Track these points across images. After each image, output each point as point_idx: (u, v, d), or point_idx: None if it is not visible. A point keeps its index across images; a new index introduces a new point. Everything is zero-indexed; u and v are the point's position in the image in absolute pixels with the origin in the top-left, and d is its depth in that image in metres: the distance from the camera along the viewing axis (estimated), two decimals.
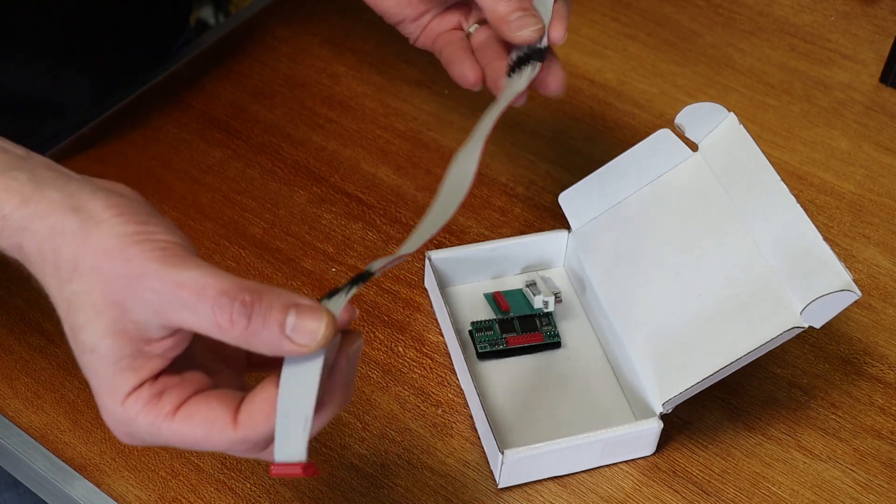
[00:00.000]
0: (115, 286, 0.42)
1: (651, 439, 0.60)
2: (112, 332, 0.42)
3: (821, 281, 0.55)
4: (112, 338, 0.42)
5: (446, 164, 0.77)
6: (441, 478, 0.60)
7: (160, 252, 0.42)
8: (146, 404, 0.42)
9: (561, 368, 0.65)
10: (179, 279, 0.41)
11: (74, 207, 0.43)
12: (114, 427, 0.43)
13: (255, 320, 0.41)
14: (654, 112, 0.83)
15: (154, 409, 0.42)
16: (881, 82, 0.86)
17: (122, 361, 0.42)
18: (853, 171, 0.79)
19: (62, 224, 0.43)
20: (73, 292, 0.42)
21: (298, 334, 0.41)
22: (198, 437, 0.42)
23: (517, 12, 0.58)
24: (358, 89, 0.84)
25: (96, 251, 0.42)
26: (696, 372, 0.57)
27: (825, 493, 0.60)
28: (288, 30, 0.89)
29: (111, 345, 0.42)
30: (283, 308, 0.41)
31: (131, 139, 0.79)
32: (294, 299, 0.42)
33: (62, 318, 0.44)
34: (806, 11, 0.93)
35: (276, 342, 0.41)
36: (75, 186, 0.44)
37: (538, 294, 0.66)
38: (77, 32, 0.77)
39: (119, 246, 0.42)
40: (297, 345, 0.41)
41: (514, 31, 0.58)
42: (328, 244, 0.72)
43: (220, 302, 0.40)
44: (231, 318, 0.40)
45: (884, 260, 0.73)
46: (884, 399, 0.64)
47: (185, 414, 0.42)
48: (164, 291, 0.41)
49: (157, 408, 0.42)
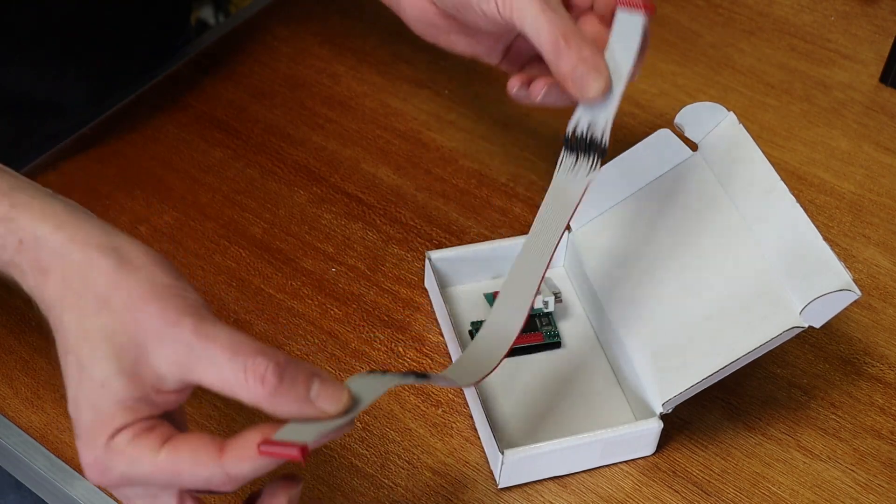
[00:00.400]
0: (146, 331, 0.43)
1: (651, 439, 0.60)
2: (129, 372, 0.43)
3: (820, 280, 0.55)
4: (126, 378, 0.43)
5: (446, 164, 0.78)
6: (441, 478, 0.60)
7: (194, 309, 0.43)
8: (135, 436, 0.43)
9: (561, 368, 0.65)
10: (215, 335, 0.42)
11: (113, 247, 0.44)
12: (90, 461, 0.44)
13: (286, 381, 0.42)
14: (654, 112, 0.83)
15: (142, 442, 0.43)
16: (881, 82, 0.86)
17: (128, 401, 0.43)
18: (853, 171, 0.79)
19: (99, 260, 0.44)
20: (95, 326, 0.43)
21: (322, 401, 0.43)
22: (179, 468, 0.43)
23: (579, 67, 0.53)
24: (358, 89, 0.84)
25: (133, 294, 0.43)
26: (695, 372, 0.57)
27: (825, 493, 0.60)
28: (288, 30, 0.89)
29: (124, 384, 0.43)
30: (310, 375, 0.43)
31: (131, 139, 0.79)
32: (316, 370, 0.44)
33: (67, 348, 0.44)
34: (806, 11, 0.93)
35: (300, 404, 0.43)
36: (110, 227, 0.46)
37: (538, 294, 0.66)
38: (77, 32, 0.77)
39: (157, 293, 0.43)
40: (318, 409, 0.43)
41: (577, 91, 0.54)
42: (328, 244, 0.72)
43: (257, 359, 0.42)
44: (265, 376, 0.42)
45: (884, 260, 0.72)
46: (884, 399, 0.64)
47: (172, 446, 0.43)
48: (196, 345, 0.42)
49: (146, 440, 0.43)
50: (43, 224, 0.45)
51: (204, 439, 0.43)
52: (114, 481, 0.44)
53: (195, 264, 0.70)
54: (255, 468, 0.43)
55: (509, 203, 0.75)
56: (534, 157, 0.79)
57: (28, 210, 0.45)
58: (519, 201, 0.75)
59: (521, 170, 0.78)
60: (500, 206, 0.75)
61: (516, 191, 0.76)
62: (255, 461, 0.42)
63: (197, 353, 0.42)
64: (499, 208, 0.75)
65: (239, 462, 0.42)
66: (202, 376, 0.42)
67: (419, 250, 0.72)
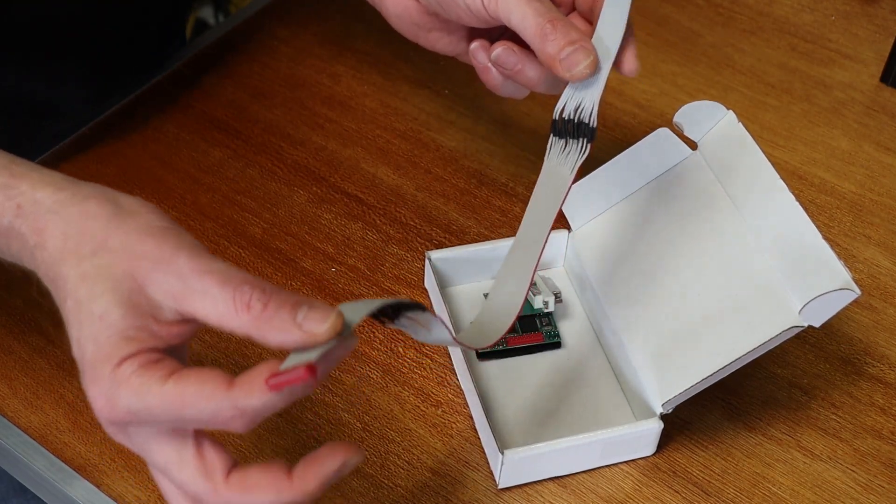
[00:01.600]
0: (141, 265, 0.44)
1: (651, 439, 0.60)
2: (126, 302, 0.43)
3: (820, 280, 0.54)
4: (125, 307, 0.43)
5: (446, 164, 0.78)
6: (441, 478, 0.60)
7: (189, 245, 0.45)
8: (141, 366, 0.42)
9: (561, 368, 0.65)
10: (208, 268, 0.43)
11: (111, 199, 0.46)
12: (95, 394, 0.43)
13: (270, 306, 0.43)
14: (654, 112, 0.83)
15: (148, 371, 0.42)
16: (882, 82, 0.86)
17: (129, 331, 0.43)
18: (854, 170, 0.79)
19: (97, 209, 0.45)
20: (93, 265, 0.44)
21: (308, 322, 0.43)
22: (186, 400, 0.42)
23: (567, 48, 0.55)
24: (358, 89, 0.84)
25: (130, 233, 0.44)
26: (695, 372, 0.57)
27: (825, 493, 0.60)
28: (288, 30, 0.89)
29: (123, 313, 0.43)
30: (297, 302, 0.43)
31: (131, 139, 0.79)
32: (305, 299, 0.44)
33: (67, 294, 0.44)
34: (806, 11, 0.93)
35: (287, 328, 0.43)
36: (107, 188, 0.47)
37: (538, 294, 0.66)
38: (77, 33, 0.76)
39: (153, 233, 0.45)
40: (305, 332, 0.42)
41: (566, 71, 0.55)
42: (328, 244, 0.72)
43: (243, 288, 0.43)
44: (249, 302, 0.42)
45: (884, 260, 0.72)
46: (884, 399, 0.64)
47: (179, 376, 0.42)
48: (190, 277, 0.43)
49: (152, 370, 0.42)
50: (42, 188, 0.46)
51: (213, 372, 0.43)
52: (120, 416, 0.43)
53: None
54: (265, 401, 0.42)
55: (509, 203, 0.75)
56: (534, 157, 0.79)
57: (27, 178, 0.46)
58: (519, 201, 0.75)
59: (521, 170, 0.77)
60: (500, 206, 0.75)
61: (516, 191, 0.76)
62: (263, 393, 0.42)
63: (191, 284, 0.43)
64: (499, 208, 0.75)
65: (248, 394, 0.42)
66: (196, 307, 0.43)
67: (419, 250, 0.72)
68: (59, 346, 0.65)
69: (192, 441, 0.44)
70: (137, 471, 0.59)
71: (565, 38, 0.55)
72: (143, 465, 0.60)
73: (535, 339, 0.65)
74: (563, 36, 0.55)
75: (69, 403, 0.62)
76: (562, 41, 0.55)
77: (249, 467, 0.43)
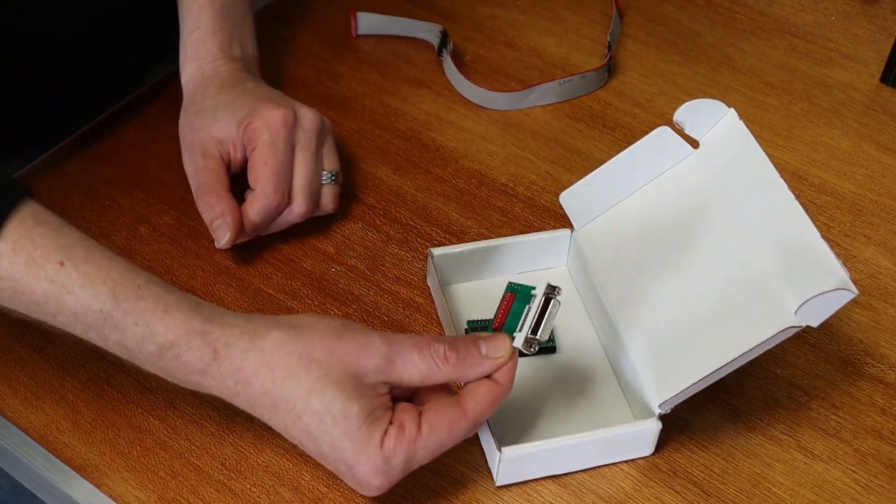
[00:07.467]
0: (349, 361, 0.53)
1: (649, 440, 0.60)
2: (357, 396, 0.52)
3: (817, 279, 0.54)
4: (359, 400, 0.52)
5: (446, 164, 0.78)
6: (440, 478, 0.60)
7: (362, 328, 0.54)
8: (397, 437, 0.52)
9: (560, 368, 0.64)
10: (396, 342, 0.53)
11: (283, 323, 0.54)
12: (372, 474, 0.53)
13: (461, 352, 0.54)
14: (654, 112, 0.83)
15: (405, 438, 0.52)
16: (882, 82, 0.86)
17: (373, 414, 0.52)
18: (854, 171, 0.79)
19: (283, 335, 0.53)
20: (312, 379, 0.52)
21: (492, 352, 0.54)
22: (443, 440, 0.53)
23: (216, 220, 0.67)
24: (358, 89, 0.84)
25: (324, 339, 0.53)
26: (693, 372, 0.57)
27: (825, 493, 0.60)
28: (288, 30, 0.89)
29: (362, 405, 0.52)
30: (475, 339, 0.54)
31: (131, 139, 0.79)
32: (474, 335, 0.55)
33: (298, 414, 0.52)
34: (806, 11, 0.93)
35: (479, 362, 0.54)
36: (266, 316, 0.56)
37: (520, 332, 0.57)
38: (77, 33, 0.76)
39: (338, 332, 0.53)
40: (493, 360, 0.54)
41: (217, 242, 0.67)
42: (328, 244, 0.72)
43: (436, 347, 0.53)
44: (445, 356, 0.53)
45: (884, 260, 0.72)
46: (884, 399, 0.64)
47: (428, 427, 0.53)
48: (389, 354, 0.53)
49: (407, 435, 0.52)
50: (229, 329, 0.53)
51: (447, 406, 0.53)
52: (397, 479, 0.54)
53: (195, 264, 0.70)
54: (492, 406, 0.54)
55: (509, 203, 0.75)
56: (534, 157, 0.79)
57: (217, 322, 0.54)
58: (519, 201, 0.75)
59: (521, 170, 0.77)
60: (500, 206, 0.75)
61: (516, 191, 0.76)
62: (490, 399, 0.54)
63: (391, 359, 0.53)
64: (499, 208, 0.75)
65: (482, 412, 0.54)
66: (401, 375, 0.53)
67: (419, 250, 0.72)
68: (59, 346, 0.65)
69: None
70: (137, 471, 0.59)
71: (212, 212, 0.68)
72: (143, 466, 0.60)
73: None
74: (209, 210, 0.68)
75: (69, 403, 0.62)
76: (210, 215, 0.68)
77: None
